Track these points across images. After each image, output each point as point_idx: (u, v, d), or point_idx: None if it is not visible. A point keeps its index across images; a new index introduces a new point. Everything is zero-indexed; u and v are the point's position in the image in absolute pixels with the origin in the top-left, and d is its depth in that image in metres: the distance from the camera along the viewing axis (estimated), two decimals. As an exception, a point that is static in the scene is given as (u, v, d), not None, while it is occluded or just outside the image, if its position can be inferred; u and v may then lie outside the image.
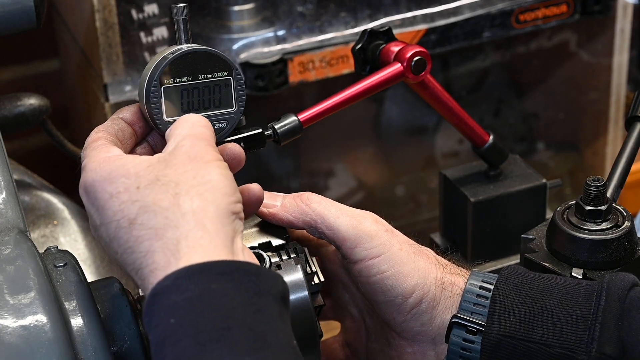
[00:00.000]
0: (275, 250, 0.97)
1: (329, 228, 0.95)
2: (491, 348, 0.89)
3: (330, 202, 0.97)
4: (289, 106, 1.77)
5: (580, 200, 1.03)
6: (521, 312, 0.89)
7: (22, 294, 0.83)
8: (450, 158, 1.98)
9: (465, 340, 0.91)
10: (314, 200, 0.97)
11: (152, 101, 0.94)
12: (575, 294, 0.90)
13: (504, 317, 0.89)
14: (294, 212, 0.97)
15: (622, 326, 0.87)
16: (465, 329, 0.91)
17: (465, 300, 0.92)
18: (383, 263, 0.94)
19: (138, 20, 1.61)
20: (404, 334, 0.96)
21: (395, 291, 0.94)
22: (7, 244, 0.88)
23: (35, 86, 1.82)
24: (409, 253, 0.95)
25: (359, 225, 0.95)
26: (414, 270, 0.94)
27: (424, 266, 0.95)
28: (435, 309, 0.94)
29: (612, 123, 1.95)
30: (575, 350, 0.87)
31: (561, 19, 1.76)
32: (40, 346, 0.81)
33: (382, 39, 1.21)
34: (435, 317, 0.94)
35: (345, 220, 0.95)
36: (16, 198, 0.95)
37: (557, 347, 0.87)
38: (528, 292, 0.91)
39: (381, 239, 0.95)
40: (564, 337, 0.87)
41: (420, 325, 0.95)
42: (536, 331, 0.88)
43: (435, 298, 0.94)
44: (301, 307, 0.95)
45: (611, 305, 0.88)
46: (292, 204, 0.97)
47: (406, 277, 0.94)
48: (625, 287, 0.89)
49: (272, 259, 0.96)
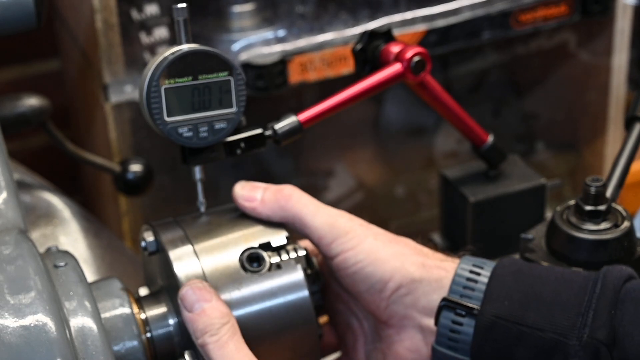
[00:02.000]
0: (275, 250, 0.97)
1: (306, 226, 0.97)
2: (484, 329, 0.90)
3: (309, 200, 0.98)
4: (289, 106, 1.77)
5: (580, 200, 1.03)
6: (517, 296, 0.91)
7: (22, 294, 0.83)
8: (450, 158, 1.98)
9: (454, 322, 0.92)
10: (293, 198, 0.98)
11: (152, 101, 0.94)
12: (571, 282, 0.91)
13: (499, 300, 0.91)
14: (273, 209, 0.98)
15: (615, 315, 0.88)
16: (454, 311, 0.92)
17: (455, 283, 0.93)
18: (359, 253, 0.96)
19: (138, 20, 1.61)
20: (390, 320, 0.97)
21: (374, 277, 0.95)
22: (8, 244, 0.88)
23: (35, 86, 1.82)
24: (385, 241, 0.97)
25: (335, 222, 0.97)
26: (391, 256, 0.95)
27: (401, 251, 0.96)
28: (417, 290, 0.95)
29: (612, 123, 1.95)
30: (567, 336, 0.88)
31: (561, 20, 1.76)
32: (41, 346, 0.81)
33: (382, 40, 1.21)
34: (419, 299, 0.95)
35: (321, 218, 0.97)
36: (16, 198, 0.95)
37: (549, 332, 0.88)
38: (525, 278, 0.92)
39: (356, 232, 0.97)
40: (557, 323, 0.88)
41: (404, 308, 0.96)
42: (530, 315, 0.89)
43: (415, 280, 0.95)
44: (301, 307, 0.95)
45: (606, 293, 0.89)
46: (272, 199, 0.98)
47: (383, 262, 0.95)
48: (622, 278, 0.90)
49: (272, 258, 0.96)
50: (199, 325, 0.90)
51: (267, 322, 0.94)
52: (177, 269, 0.93)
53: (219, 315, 0.90)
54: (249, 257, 0.95)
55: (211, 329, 0.89)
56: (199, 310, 0.90)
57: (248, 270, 0.94)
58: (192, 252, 0.95)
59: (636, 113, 1.13)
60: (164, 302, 0.96)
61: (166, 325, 0.95)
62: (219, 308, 0.91)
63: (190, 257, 0.94)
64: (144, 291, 0.99)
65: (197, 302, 0.90)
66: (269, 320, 0.94)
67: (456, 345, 0.92)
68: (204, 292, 0.91)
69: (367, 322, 1.02)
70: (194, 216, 1.01)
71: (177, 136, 0.96)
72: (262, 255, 0.96)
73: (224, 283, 0.94)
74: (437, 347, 0.94)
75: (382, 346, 1.00)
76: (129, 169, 1.46)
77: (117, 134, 1.63)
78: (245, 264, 0.95)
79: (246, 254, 0.95)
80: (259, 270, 0.95)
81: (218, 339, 0.89)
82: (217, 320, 0.90)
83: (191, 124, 0.96)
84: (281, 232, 0.98)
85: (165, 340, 0.95)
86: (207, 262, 0.94)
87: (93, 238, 1.33)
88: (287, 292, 0.95)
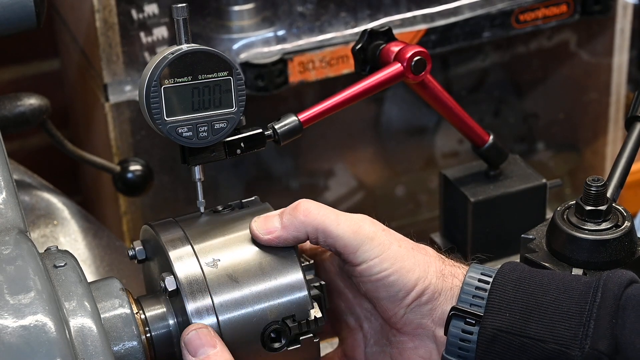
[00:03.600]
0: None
1: (330, 236, 0.95)
2: (487, 342, 0.90)
3: (327, 210, 0.97)
4: (289, 106, 1.77)
5: (580, 200, 1.03)
6: (518, 307, 0.90)
7: (22, 294, 0.83)
8: (450, 158, 1.98)
9: (463, 331, 0.92)
10: (312, 210, 0.96)
11: (152, 101, 0.94)
12: (572, 291, 0.90)
13: (500, 312, 0.90)
14: (297, 228, 0.96)
15: (616, 324, 0.87)
16: (464, 320, 0.92)
17: (464, 292, 0.93)
18: (384, 261, 0.94)
19: (138, 20, 1.61)
20: (405, 328, 0.97)
21: (397, 286, 0.94)
22: (7, 244, 0.88)
23: (35, 86, 1.82)
24: (408, 249, 0.96)
25: (359, 229, 0.95)
26: (415, 264, 0.95)
27: (424, 260, 0.95)
28: (436, 300, 0.95)
29: (612, 123, 1.95)
30: (569, 347, 0.87)
31: (561, 19, 1.76)
32: (40, 346, 0.80)
33: (382, 39, 1.21)
34: (435, 309, 0.95)
35: (345, 226, 0.95)
36: (16, 198, 0.95)
37: (551, 343, 0.88)
38: (525, 287, 0.91)
39: (380, 239, 0.95)
40: (558, 333, 0.88)
41: (421, 317, 0.95)
42: (532, 327, 0.89)
43: (436, 289, 0.94)
44: (301, 307, 0.95)
45: (606, 302, 0.88)
46: (291, 220, 0.96)
47: (408, 271, 0.94)
48: (622, 284, 0.89)
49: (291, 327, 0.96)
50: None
51: None
52: (177, 269, 0.93)
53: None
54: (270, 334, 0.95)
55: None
56: (204, 356, 0.90)
57: (267, 347, 0.94)
58: (192, 253, 0.95)
59: (636, 113, 1.13)
60: (163, 303, 0.96)
61: (166, 326, 0.95)
62: (224, 355, 0.90)
63: (190, 258, 0.94)
64: None
65: (201, 347, 0.90)
66: None
67: (466, 355, 0.92)
68: (209, 338, 0.91)
69: (369, 323, 1.02)
70: (194, 216, 1.01)
71: (177, 136, 0.96)
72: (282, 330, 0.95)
73: (223, 283, 0.93)
74: (446, 356, 0.93)
75: (392, 350, 0.99)
76: (129, 169, 1.46)
77: (117, 134, 1.63)
78: (266, 341, 0.95)
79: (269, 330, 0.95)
80: (280, 348, 0.95)
81: None
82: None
83: (191, 123, 0.96)
84: None
85: (165, 340, 0.95)
86: (207, 262, 0.94)
87: (92, 238, 1.33)
88: None
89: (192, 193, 1.02)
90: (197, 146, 0.97)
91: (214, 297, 0.93)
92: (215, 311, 0.92)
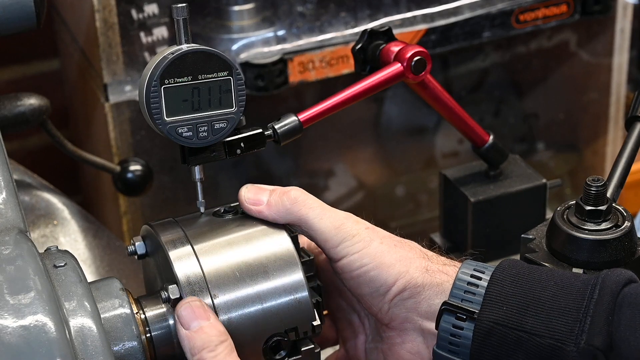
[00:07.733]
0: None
1: (311, 229, 0.97)
2: (483, 335, 0.90)
3: (315, 203, 0.98)
4: (289, 106, 1.77)
5: (580, 200, 1.03)
6: (515, 301, 0.90)
7: (22, 294, 0.83)
8: (450, 158, 1.98)
9: (454, 326, 0.92)
10: (299, 200, 0.97)
11: (152, 101, 0.94)
12: (570, 287, 0.90)
13: (497, 305, 0.91)
14: (279, 211, 0.98)
15: (612, 321, 0.88)
16: (455, 315, 0.92)
17: (456, 287, 0.93)
18: (364, 257, 0.95)
19: (138, 20, 1.61)
20: (392, 323, 0.97)
21: (378, 281, 0.95)
22: (7, 244, 0.88)
23: (35, 86, 1.82)
24: (390, 245, 0.96)
25: (342, 226, 0.96)
26: (396, 260, 0.95)
27: (406, 255, 0.96)
28: (419, 294, 0.95)
29: (612, 123, 1.95)
30: (564, 342, 0.88)
31: (561, 19, 1.76)
32: (40, 346, 0.80)
33: (382, 39, 1.21)
34: (420, 302, 0.95)
35: (327, 221, 0.97)
36: (16, 198, 0.95)
37: (547, 338, 0.88)
38: (524, 283, 0.92)
39: (362, 236, 0.96)
40: (555, 328, 0.88)
41: (406, 311, 0.96)
42: (528, 321, 0.89)
43: (419, 284, 0.95)
44: (302, 307, 0.95)
45: (603, 299, 0.89)
46: (278, 202, 0.98)
47: (388, 267, 0.95)
48: (620, 282, 0.90)
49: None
50: (196, 342, 0.89)
51: None
52: (177, 269, 0.93)
53: (217, 333, 0.90)
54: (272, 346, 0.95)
55: (209, 345, 0.89)
56: (197, 328, 0.90)
57: (268, 357, 0.95)
58: (192, 253, 0.95)
59: (636, 113, 1.13)
60: (163, 303, 0.96)
61: (166, 326, 0.95)
62: (217, 327, 0.90)
63: (190, 258, 0.94)
64: None
65: (195, 320, 0.90)
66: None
67: (457, 350, 0.92)
68: (202, 311, 0.91)
69: (369, 320, 1.02)
70: (194, 216, 1.01)
71: (177, 136, 0.96)
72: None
73: (223, 283, 0.94)
74: (437, 351, 0.94)
75: (383, 346, 1.00)
76: (129, 169, 1.46)
77: (117, 134, 1.63)
78: (268, 352, 0.95)
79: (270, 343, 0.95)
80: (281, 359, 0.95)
81: (216, 355, 0.89)
82: (216, 337, 0.90)
83: (191, 123, 0.96)
84: (282, 234, 0.98)
85: (165, 340, 0.95)
86: (207, 262, 0.94)
87: (92, 238, 1.33)
88: None
89: (192, 193, 1.02)
90: (197, 146, 0.97)
91: (214, 297, 0.93)
92: (216, 311, 0.92)
